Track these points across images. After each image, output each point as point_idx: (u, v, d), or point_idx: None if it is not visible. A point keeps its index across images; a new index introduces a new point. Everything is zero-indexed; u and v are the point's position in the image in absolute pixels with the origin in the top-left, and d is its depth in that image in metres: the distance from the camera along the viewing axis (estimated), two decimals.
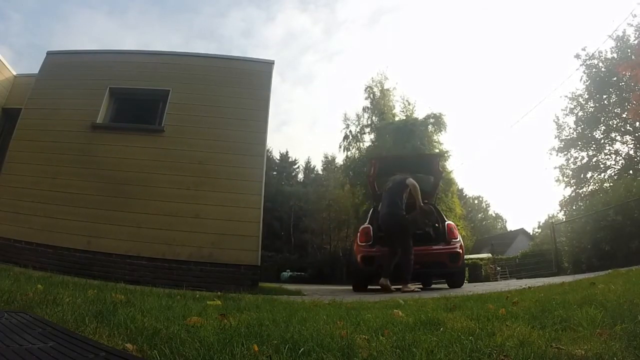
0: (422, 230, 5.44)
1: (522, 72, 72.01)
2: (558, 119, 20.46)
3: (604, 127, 19.35)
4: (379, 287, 5.00)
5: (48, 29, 59.19)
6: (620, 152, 19.37)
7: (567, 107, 20.09)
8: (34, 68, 6.53)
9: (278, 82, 60.90)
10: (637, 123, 17.78)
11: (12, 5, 54.84)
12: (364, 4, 62.48)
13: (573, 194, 19.66)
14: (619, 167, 19.07)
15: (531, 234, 37.94)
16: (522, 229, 39.02)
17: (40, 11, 58.36)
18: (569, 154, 20.03)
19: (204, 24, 64.71)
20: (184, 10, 63.02)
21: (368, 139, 25.27)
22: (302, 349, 1.17)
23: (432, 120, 21.86)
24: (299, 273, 25.88)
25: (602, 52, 18.86)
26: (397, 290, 4.95)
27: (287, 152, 41.52)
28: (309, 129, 65.34)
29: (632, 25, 17.14)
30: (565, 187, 20.13)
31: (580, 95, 19.73)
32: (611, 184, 14.79)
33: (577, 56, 19.22)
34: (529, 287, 3.47)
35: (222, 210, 5.48)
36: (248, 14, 60.87)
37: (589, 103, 19.48)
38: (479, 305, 2.22)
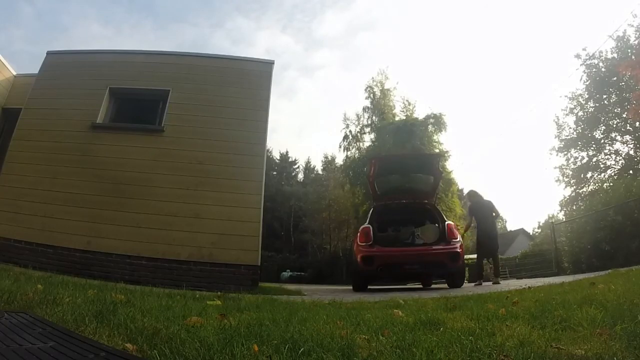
0: None
1: (523, 71, 71.93)
2: (558, 119, 20.44)
3: (604, 127, 19.30)
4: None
5: (48, 38, 59.34)
6: (620, 152, 19.33)
7: (567, 107, 20.07)
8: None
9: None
10: (637, 123, 17.76)
11: (11, 18, 55.19)
12: (360, 5, 62.33)
13: (573, 194, 19.63)
14: (619, 167, 19.04)
15: (531, 234, 37.89)
16: (522, 229, 38.91)
17: (40, 23, 58.79)
18: (569, 154, 19.99)
19: (196, 36, 64.69)
20: (177, 20, 63.12)
21: (368, 139, 25.31)
22: (302, 349, 1.17)
23: (432, 120, 21.89)
24: (298, 273, 25.90)
25: (602, 52, 18.84)
26: (397, 289, 4.94)
27: (287, 152, 41.60)
28: (303, 132, 65.26)
29: (632, 25, 17.15)
30: (565, 187, 20.09)
31: (580, 95, 19.69)
32: (611, 184, 14.75)
33: (578, 56, 19.19)
34: (529, 287, 3.47)
35: (222, 210, 5.48)
36: (237, 25, 61.03)
37: (589, 103, 19.44)
38: (479, 305, 2.22)
